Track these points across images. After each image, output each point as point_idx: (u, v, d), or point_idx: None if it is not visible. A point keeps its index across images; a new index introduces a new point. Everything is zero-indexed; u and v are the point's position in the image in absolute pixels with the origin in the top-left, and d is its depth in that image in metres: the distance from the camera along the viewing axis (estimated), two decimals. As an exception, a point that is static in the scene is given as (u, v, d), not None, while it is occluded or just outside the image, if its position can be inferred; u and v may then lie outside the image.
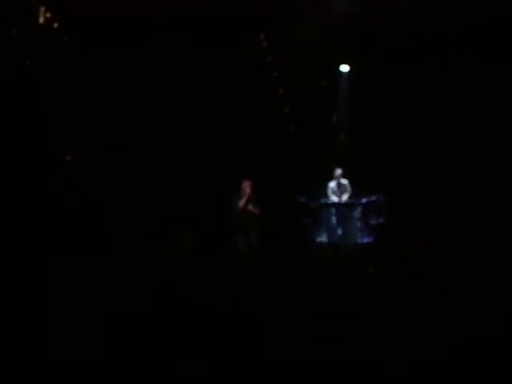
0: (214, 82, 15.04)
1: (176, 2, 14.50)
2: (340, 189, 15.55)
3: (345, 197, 15.51)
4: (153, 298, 8.84)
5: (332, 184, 15.58)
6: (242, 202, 14.16)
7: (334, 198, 15.49)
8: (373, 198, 15.25)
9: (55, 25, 14.58)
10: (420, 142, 15.55)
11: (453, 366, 6.62)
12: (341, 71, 16.16)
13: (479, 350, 6.87)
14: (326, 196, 15.53)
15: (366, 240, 15.10)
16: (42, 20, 14.47)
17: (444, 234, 13.40)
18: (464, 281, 9.63)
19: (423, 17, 14.84)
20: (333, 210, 15.40)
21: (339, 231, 15.27)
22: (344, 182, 15.56)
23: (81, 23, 14.45)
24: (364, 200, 15.30)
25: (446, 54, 15.11)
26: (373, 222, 15.26)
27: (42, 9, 14.46)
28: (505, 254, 11.36)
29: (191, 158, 14.98)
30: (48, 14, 14.44)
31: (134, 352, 7.05)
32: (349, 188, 15.55)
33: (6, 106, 13.97)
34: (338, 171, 15.50)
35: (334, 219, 15.36)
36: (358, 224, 15.31)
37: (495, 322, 7.62)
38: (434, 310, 8.16)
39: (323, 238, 15.27)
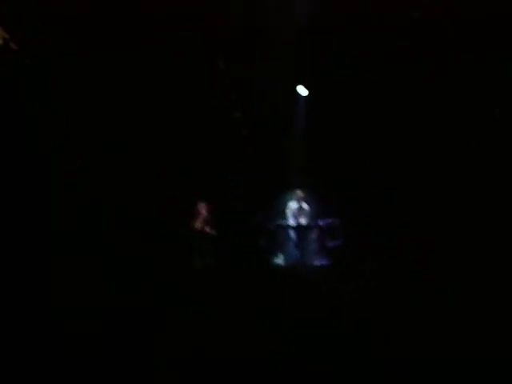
0: (170, 103, 15.06)
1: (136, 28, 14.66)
2: (299, 211, 15.61)
3: (302, 220, 15.57)
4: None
5: (292, 205, 15.64)
6: (197, 223, 14.21)
7: (292, 220, 15.56)
8: (329, 221, 15.34)
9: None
10: (380, 165, 15.62)
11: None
12: (299, 94, 16.27)
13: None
14: (283, 217, 15.61)
15: (323, 262, 15.15)
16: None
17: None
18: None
19: (382, 42, 15.11)
20: (290, 232, 15.48)
21: (296, 253, 15.34)
22: (304, 205, 15.62)
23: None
24: (321, 222, 15.38)
25: (406, 77, 15.27)
26: (329, 244, 15.32)
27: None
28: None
29: (146, 180, 14.91)
30: (6, 35, 14.41)
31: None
32: (307, 212, 15.63)
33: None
34: (299, 193, 15.60)
35: (290, 241, 15.44)
36: (315, 246, 15.39)
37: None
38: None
39: (279, 260, 15.33)
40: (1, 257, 10.69)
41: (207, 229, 14.23)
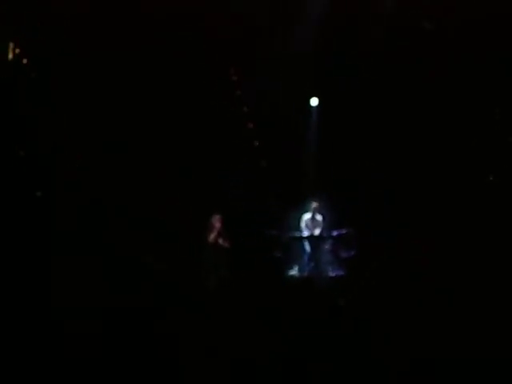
0: (184, 115, 15.11)
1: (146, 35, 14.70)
2: (313, 223, 15.57)
3: (317, 231, 15.53)
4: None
5: (307, 217, 15.60)
6: (212, 237, 14.18)
7: (306, 232, 15.52)
8: (343, 232, 15.28)
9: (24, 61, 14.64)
10: (391, 175, 15.59)
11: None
12: (311, 105, 16.26)
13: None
14: (298, 229, 15.56)
15: (337, 273, 15.09)
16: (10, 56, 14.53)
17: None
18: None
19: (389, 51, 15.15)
20: (304, 244, 15.44)
21: (310, 264, 15.28)
22: (318, 217, 15.57)
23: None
24: (335, 233, 15.32)
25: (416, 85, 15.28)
26: (343, 255, 15.26)
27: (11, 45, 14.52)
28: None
29: (161, 194, 14.91)
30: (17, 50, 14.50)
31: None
32: (322, 223, 15.58)
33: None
34: (314, 205, 15.56)
35: (305, 252, 15.40)
36: (329, 257, 15.34)
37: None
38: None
39: (294, 272, 15.27)
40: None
41: (221, 241, 14.18)
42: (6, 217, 12.75)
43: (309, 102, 16.18)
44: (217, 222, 14.29)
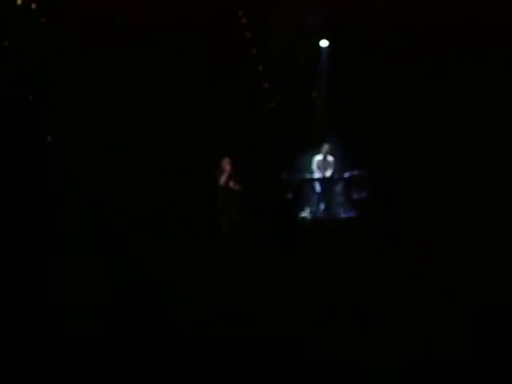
0: (193, 60, 14.99)
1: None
2: (324, 164, 15.62)
3: (328, 173, 15.57)
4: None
5: (318, 159, 15.65)
6: (222, 180, 14.23)
7: (318, 174, 15.56)
8: (355, 173, 15.31)
9: (33, 6, 14.51)
10: (404, 117, 15.51)
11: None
12: (320, 46, 16.12)
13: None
14: (309, 171, 15.61)
15: (348, 215, 15.18)
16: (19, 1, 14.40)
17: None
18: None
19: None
20: (315, 185, 15.50)
21: (322, 206, 15.38)
22: (330, 158, 15.62)
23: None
24: (346, 175, 15.36)
25: (424, 29, 15.08)
26: (355, 196, 15.32)
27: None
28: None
29: (171, 137, 14.90)
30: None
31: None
32: (333, 165, 15.62)
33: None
34: (326, 147, 15.57)
35: (316, 194, 15.48)
36: (341, 199, 15.42)
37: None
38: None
39: (306, 214, 15.38)
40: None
41: (232, 184, 14.21)
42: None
43: (319, 43, 16.07)
44: (227, 164, 14.31)
